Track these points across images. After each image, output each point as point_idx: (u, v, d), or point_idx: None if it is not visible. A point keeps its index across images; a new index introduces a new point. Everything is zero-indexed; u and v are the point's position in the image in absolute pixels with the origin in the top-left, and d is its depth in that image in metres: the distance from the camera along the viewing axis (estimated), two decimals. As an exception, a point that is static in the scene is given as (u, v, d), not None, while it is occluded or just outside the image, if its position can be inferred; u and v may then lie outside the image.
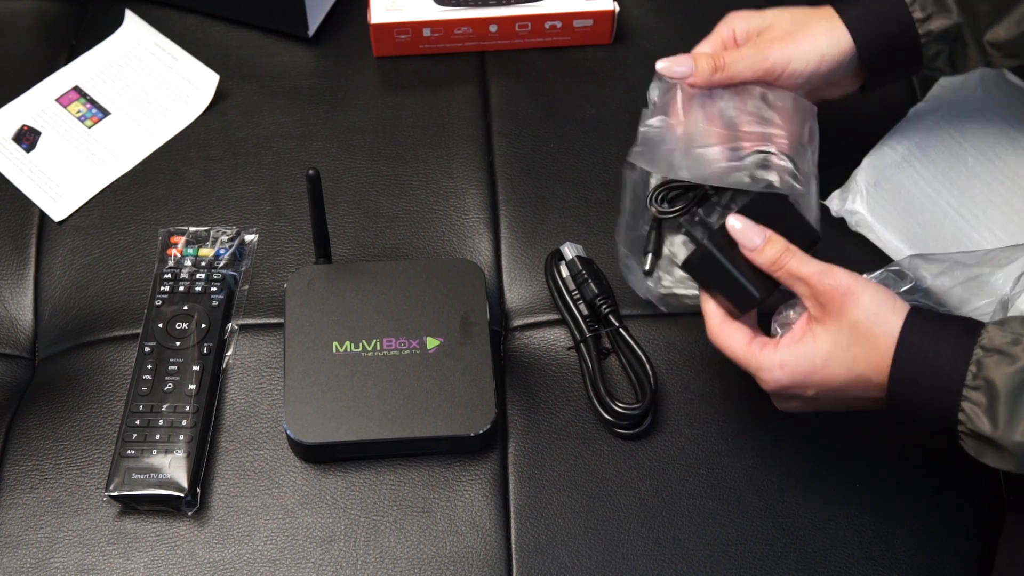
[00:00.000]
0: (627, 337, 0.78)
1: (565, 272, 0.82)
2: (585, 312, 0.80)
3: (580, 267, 0.81)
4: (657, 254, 0.82)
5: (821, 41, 0.75)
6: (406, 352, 0.76)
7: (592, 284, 0.80)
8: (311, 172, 0.74)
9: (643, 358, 0.77)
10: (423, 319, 0.77)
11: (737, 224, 0.68)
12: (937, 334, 0.63)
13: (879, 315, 0.64)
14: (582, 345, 0.79)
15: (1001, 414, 0.59)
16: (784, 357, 0.66)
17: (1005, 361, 0.60)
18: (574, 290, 0.81)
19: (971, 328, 0.63)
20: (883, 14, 0.76)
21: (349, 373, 0.75)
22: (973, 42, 0.76)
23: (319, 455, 0.75)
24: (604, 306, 0.79)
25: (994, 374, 0.60)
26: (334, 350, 0.76)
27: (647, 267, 0.81)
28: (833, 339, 0.65)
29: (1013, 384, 0.60)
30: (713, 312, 0.70)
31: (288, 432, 0.73)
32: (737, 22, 0.78)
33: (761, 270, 0.68)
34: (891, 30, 0.76)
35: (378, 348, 0.76)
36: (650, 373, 0.77)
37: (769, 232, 0.68)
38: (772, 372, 0.66)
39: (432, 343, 0.76)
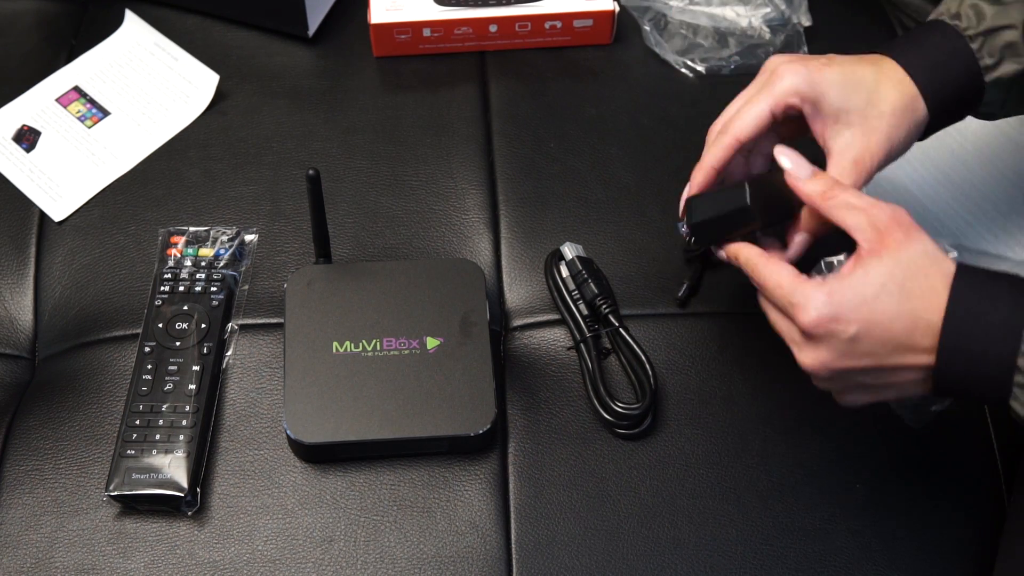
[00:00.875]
0: (627, 337, 0.78)
1: (565, 272, 0.82)
2: (585, 312, 0.80)
3: (580, 267, 0.81)
4: (695, 289, 0.83)
5: (893, 118, 0.69)
6: (406, 352, 0.76)
7: (592, 284, 0.80)
8: (311, 172, 0.74)
9: (643, 358, 0.77)
10: (423, 319, 0.77)
11: (785, 155, 0.67)
12: (990, 281, 0.60)
13: (936, 255, 0.61)
14: (582, 345, 0.79)
15: None
16: (832, 287, 0.61)
17: None
18: (574, 290, 0.81)
19: (1019, 277, 0.60)
20: (948, 63, 0.70)
21: (349, 373, 0.75)
22: None
23: (319, 455, 0.75)
24: (604, 306, 0.79)
25: None
26: (334, 350, 0.76)
27: (680, 295, 0.82)
28: (888, 271, 0.60)
29: None
30: (752, 250, 0.67)
31: (288, 432, 0.73)
32: (788, 85, 0.69)
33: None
34: (961, 81, 0.70)
35: (378, 348, 0.76)
36: (650, 373, 0.77)
37: (814, 167, 0.67)
38: (815, 301, 0.61)
39: (432, 343, 0.76)
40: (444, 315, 0.78)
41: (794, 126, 0.72)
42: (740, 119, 0.70)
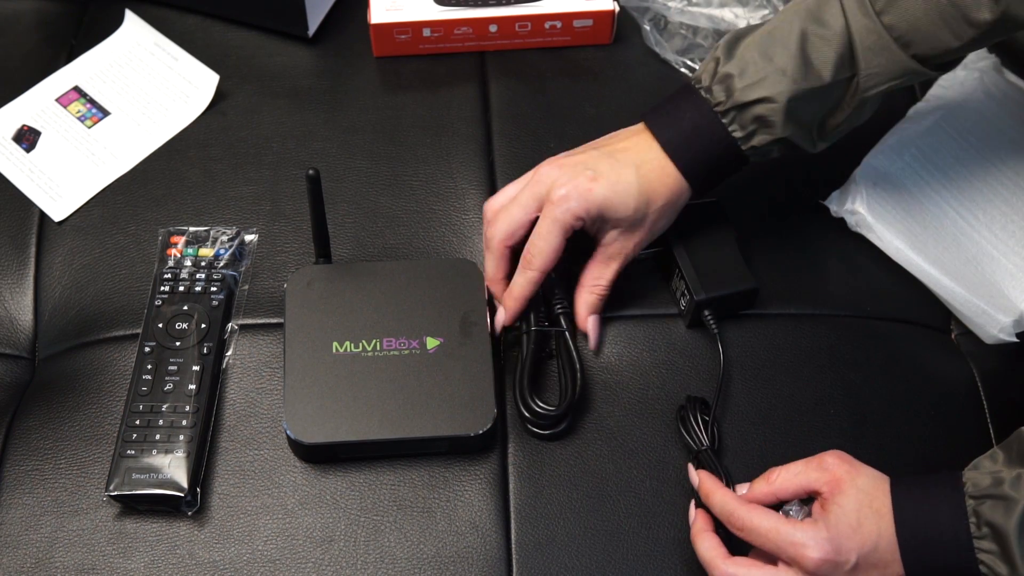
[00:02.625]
0: (569, 343, 0.78)
1: None
2: (541, 308, 0.80)
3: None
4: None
5: (656, 215, 0.76)
6: (406, 352, 0.76)
7: (554, 282, 0.80)
8: (311, 172, 0.74)
9: (576, 366, 0.77)
10: (423, 319, 0.77)
11: (700, 482, 0.71)
12: (925, 491, 0.65)
13: (878, 476, 0.66)
14: (525, 336, 0.79)
15: (1017, 556, 0.60)
16: (826, 523, 0.64)
17: (1000, 505, 0.61)
18: None
19: (951, 481, 0.64)
20: (702, 136, 0.75)
21: (349, 373, 0.75)
22: (801, 140, 0.76)
23: (319, 455, 0.75)
24: (559, 306, 0.79)
25: (994, 519, 0.61)
26: (334, 350, 0.76)
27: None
28: (857, 499, 0.64)
29: (1017, 525, 0.60)
30: (727, 494, 0.70)
31: (288, 432, 0.73)
32: (571, 212, 0.75)
33: None
34: (715, 151, 0.75)
35: (378, 348, 0.76)
36: (578, 381, 0.76)
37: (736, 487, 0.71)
38: (818, 538, 0.63)
39: (432, 343, 0.76)
40: (444, 315, 0.77)
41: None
42: (541, 254, 0.75)
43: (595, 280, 0.79)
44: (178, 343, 0.78)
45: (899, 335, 0.83)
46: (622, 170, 0.75)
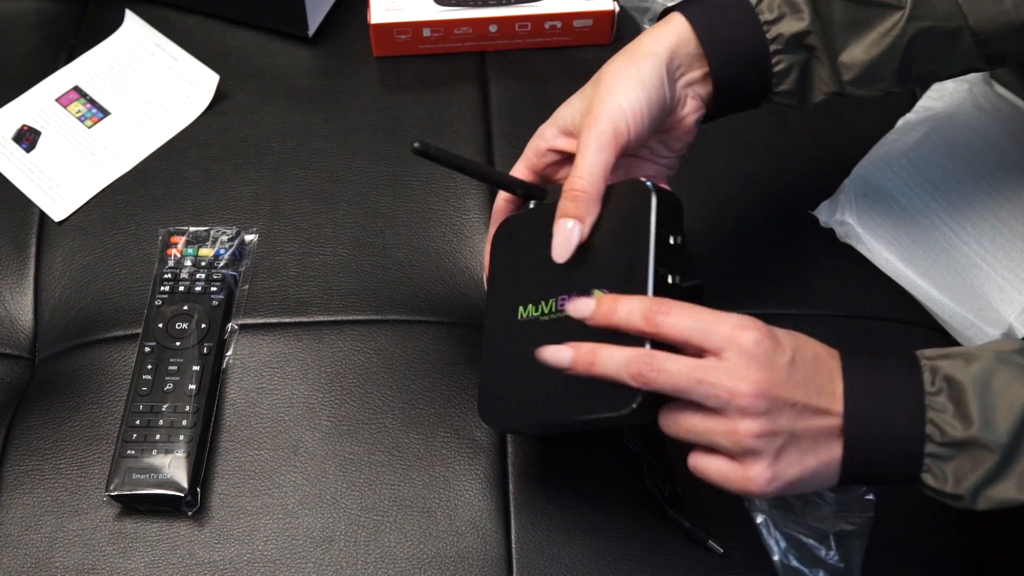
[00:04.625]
0: None
1: None
2: None
3: None
4: None
5: (641, 70, 0.66)
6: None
7: None
8: (416, 145, 0.65)
9: None
10: (591, 266, 0.64)
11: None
12: (877, 357, 0.59)
13: (817, 343, 0.60)
14: None
15: (974, 410, 0.56)
16: (752, 319, 0.58)
17: (959, 361, 0.57)
18: None
19: (904, 351, 0.59)
20: (727, 14, 0.67)
21: (529, 344, 0.63)
22: (826, 59, 0.69)
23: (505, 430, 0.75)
24: None
25: (953, 372, 0.57)
26: (519, 317, 0.67)
27: None
28: (791, 337, 0.59)
29: (975, 378, 0.56)
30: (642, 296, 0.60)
31: (481, 415, 0.68)
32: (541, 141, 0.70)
33: None
34: (739, 32, 0.67)
35: (553, 309, 0.65)
36: None
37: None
38: (748, 320, 0.57)
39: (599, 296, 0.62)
40: (611, 258, 0.64)
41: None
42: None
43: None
44: (178, 343, 0.78)
45: (897, 335, 0.83)
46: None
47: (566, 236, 0.64)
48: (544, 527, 0.74)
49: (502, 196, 0.73)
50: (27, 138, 0.93)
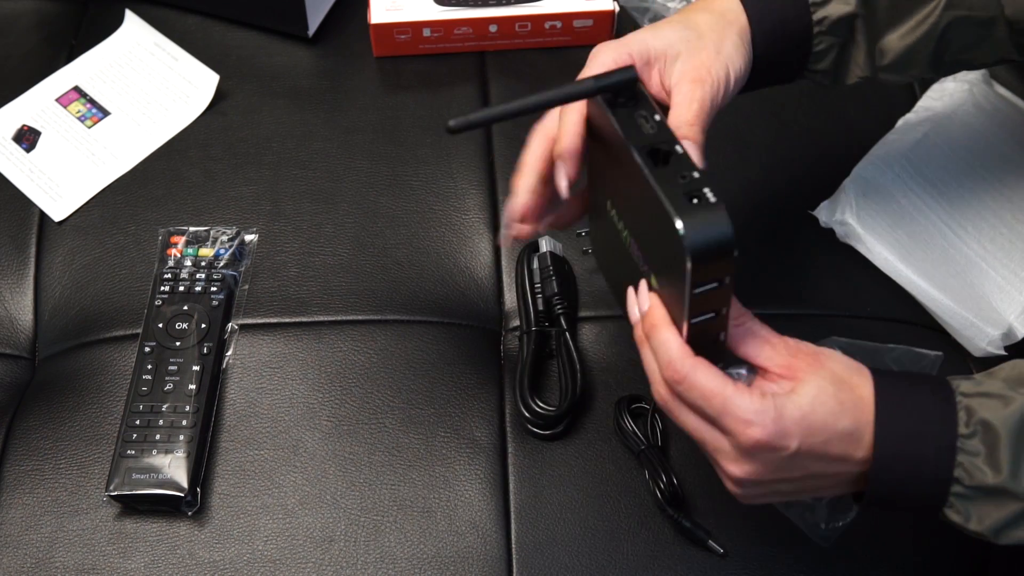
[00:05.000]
0: (569, 342, 0.78)
1: (535, 264, 0.82)
2: (540, 308, 0.80)
3: (549, 263, 0.81)
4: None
5: (713, 32, 0.65)
6: None
7: (554, 282, 0.80)
8: (452, 124, 0.62)
9: (576, 367, 0.77)
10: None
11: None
12: (912, 385, 0.58)
13: (852, 366, 0.59)
14: (524, 336, 0.79)
15: (1004, 459, 0.55)
16: (769, 406, 0.56)
17: (996, 403, 0.56)
18: (537, 283, 0.81)
19: (940, 380, 0.58)
20: None
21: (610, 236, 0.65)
22: (865, 43, 0.69)
23: None
24: (559, 307, 0.79)
25: (989, 416, 0.56)
26: (607, 208, 0.65)
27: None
28: (817, 385, 0.57)
29: (1012, 425, 0.55)
30: (674, 340, 0.58)
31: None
32: (607, 58, 0.64)
33: None
34: (787, 13, 0.67)
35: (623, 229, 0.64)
36: (578, 381, 0.76)
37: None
38: (764, 418, 0.55)
39: None
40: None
41: None
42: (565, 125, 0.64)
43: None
44: (178, 343, 0.78)
45: (896, 335, 0.83)
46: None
47: None
48: (544, 527, 0.74)
49: (575, 111, 0.64)
50: (27, 138, 0.93)
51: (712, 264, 0.54)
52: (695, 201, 0.53)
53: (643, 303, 0.60)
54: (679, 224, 0.52)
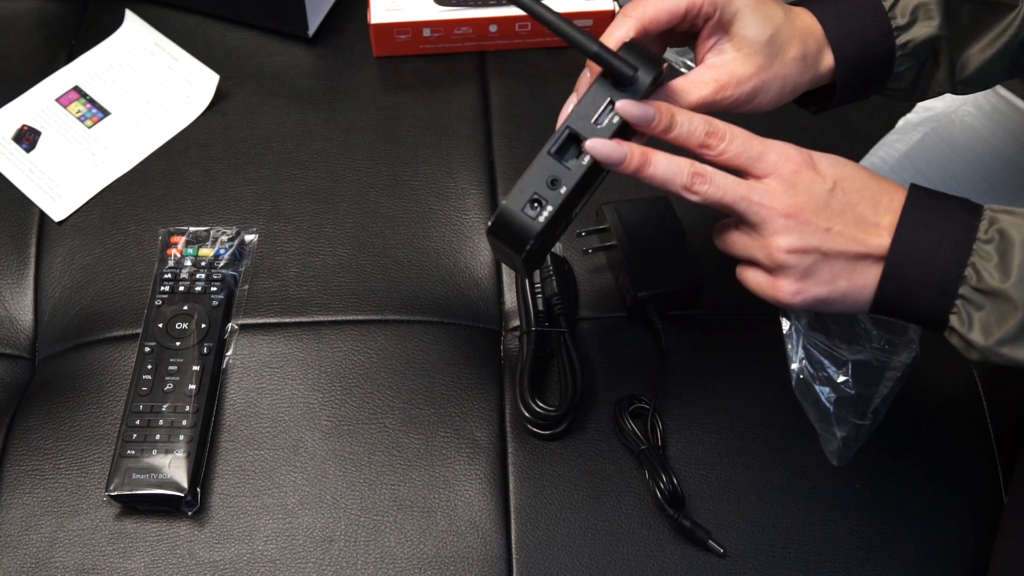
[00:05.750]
0: (569, 343, 0.78)
1: None
2: (540, 308, 0.80)
3: (549, 263, 0.81)
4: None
5: (783, 68, 0.67)
6: None
7: (554, 282, 0.80)
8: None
9: (576, 367, 0.77)
10: None
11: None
12: (944, 197, 0.62)
13: (876, 178, 0.64)
14: (524, 336, 0.79)
15: (1015, 265, 0.58)
16: (799, 149, 0.63)
17: (1019, 219, 0.59)
18: (537, 283, 0.81)
19: (972, 203, 0.62)
20: (860, 15, 0.68)
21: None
22: (946, 62, 0.70)
23: None
24: (559, 307, 0.79)
25: (1009, 228, 0.59)
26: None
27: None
28: (850, 164, 0.63)
29: None
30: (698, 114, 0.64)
31: None
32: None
33: None
34: (871, 37, 0.69)
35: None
36: (578, 383, 0.76)
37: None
38: (790, 148, 0.62)
39: None
40: None
41: (678, 38, 0.70)
42: (651, 5, 0.66)
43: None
44: (178, 343, 0.78)
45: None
46: (773, 4, 0.68)
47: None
48: (544, 527, 0.74)
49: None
50: (27, 138, 0.93)
51: (502, 234, 0.62)
52: (535, 205, 0.62)
53: (646, 107, 0.63)
54: (502, 202, 0.62)
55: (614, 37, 0.66)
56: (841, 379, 0.71)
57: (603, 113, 0.63)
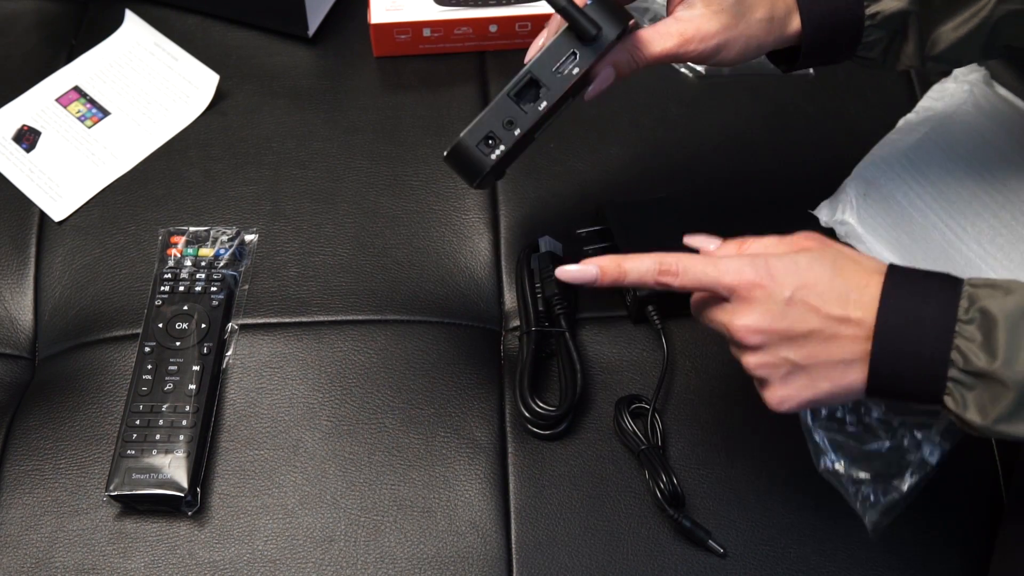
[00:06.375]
0: (569, 343, 0.78)
1: (535, 264, 0.82)
2: (540, 308, 0.80)
3: (548, 263, 0.81)
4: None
5: (749, 29, 0.68)
6: None
7: (554, 282, 0.80)
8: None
9: (576, 367, 0.77)
10: None
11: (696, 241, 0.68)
12: (922, 276, 0.61)
13: (863, 255, 0.62)
14: (524, 336, 0.79)
15: (1000, 345, 0.56)
16: (764, 256, 0.61)
17: (999, 293, 0.58)
18: (537, 283, 0.81)
19: (952, 277, 0.60)
20: None
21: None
22: (915, 37, 0.71)
23: None
24: (558, 307, 0.79)
25: (989, 304, 0.57)
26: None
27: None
28: (818, 255, 0.61)
29: (1011, 313, 0.57)
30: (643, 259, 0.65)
31: None
32: None
33: None
34: (839, 5, 0.69)
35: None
36: (578, 382, 0.76)
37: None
38: (746, 264, 0.61)
39: None
40: None
41: None
42: None
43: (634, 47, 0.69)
44: (178, 343, 0.78)
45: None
46: None
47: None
48: (544, 527, 0.74)
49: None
50: (27, 138, 0.93)
51: (456, 164, 0.68)
52: (490, 142, 0.67)
53: (589, 269, 0.66)
54: (460, 135, 0.67)
55: None
56: (862, 475, 0.70)
57: (565, 62, 0.66)
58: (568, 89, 0.67)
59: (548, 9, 0.95)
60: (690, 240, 0.69)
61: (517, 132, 0.67)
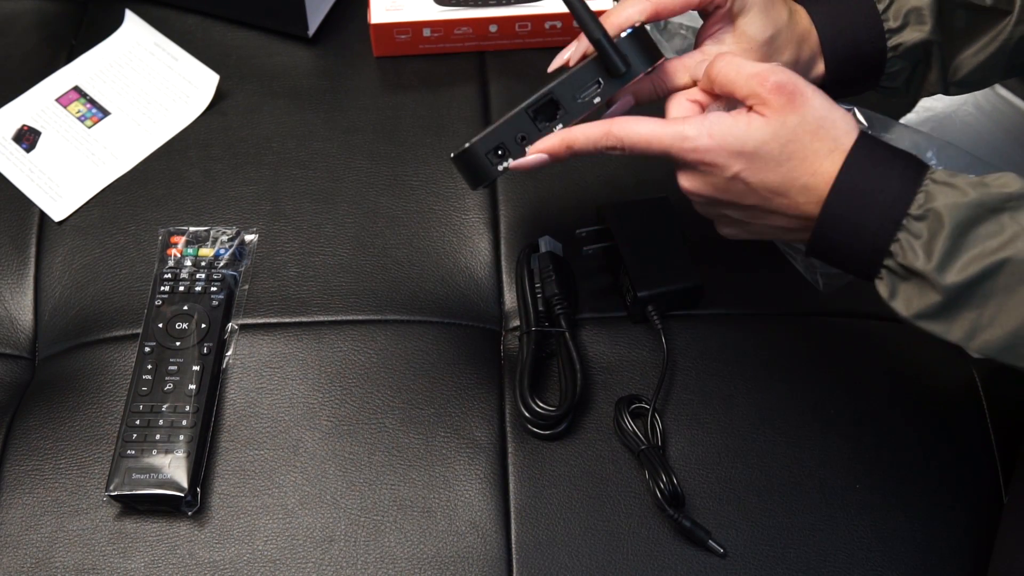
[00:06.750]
0: (569, 343, 0.78)
1: (535, 264, 0.82)
2: (540, 308, 0.80)
3: (548, 263, 0.81)
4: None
5: (785, 18, 0.69)
6: None
7: (554, 282, 0.80)
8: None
9: (576, 367, 0.77)
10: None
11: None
12: (888, 159, 0.60)
13: (828, 119, 0.61)
14: (524, 336, 0.79)
15: (939, 249, 0.57)
16: (716, 125, 0.61)
17: (955, 194, 0.58)
18: (537, 284, 0.81)
19: (919, 163, 0.61)
20: (851, 17, 0.70)
21: None
22: (938, 65, 0.72)
23: None
24: (558, 307, 0.79)
25: (942, 206, 0.58)
26: None
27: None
28: (776, 128, 0.61)
29: (960, 218, 0.57)
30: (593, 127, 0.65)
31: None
32: None
33: None
34: (861, 37, 0.71)
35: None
36: (578, 383, 0.76)
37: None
38: (697, 138, 0.61)
39: None
40: None
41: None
42: None
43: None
44: (178, 343, 0.78)
45: (897, 335, 0.83)
46: (778, 3, 0.70)
47: None
48: (544, 527, 0.74)
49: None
50: (27, 138, 0.93)
51: (462, 167, 0.68)
52: (499, 153, 0.67)
53: (546, 139, 0.67)
54: (472, 140, 0.67)
55: (624, 15, 0.67)
56: None
57: (588, 90, 0.67)
58: (585, 116, 0.68)
59: (548, 9, 0.96)
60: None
61: (528, 149, 0.67)
